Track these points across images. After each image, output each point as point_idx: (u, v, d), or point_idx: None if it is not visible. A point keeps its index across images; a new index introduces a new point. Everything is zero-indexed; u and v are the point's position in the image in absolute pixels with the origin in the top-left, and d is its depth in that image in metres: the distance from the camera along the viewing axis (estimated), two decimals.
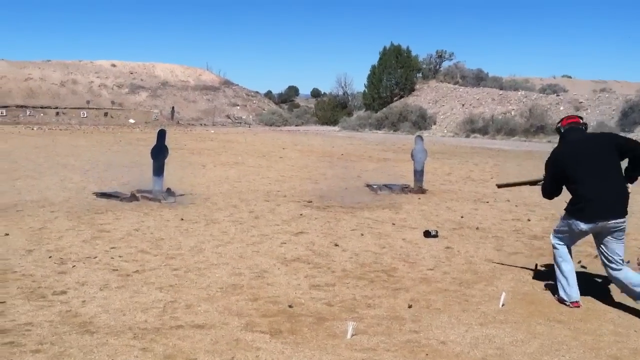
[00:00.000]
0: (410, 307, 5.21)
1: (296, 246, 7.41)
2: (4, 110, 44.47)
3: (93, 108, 47.80)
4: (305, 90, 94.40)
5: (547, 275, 6.20)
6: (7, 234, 7.57)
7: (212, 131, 39.30)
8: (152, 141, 11.27)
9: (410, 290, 5.72)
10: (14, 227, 8.03)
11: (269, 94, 75.03)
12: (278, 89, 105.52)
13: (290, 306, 5.16)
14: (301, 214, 9.55)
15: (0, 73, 50.38)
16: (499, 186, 7.50)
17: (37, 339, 4.30)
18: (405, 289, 5.76)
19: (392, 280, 6.07)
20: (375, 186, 12.44)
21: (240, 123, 51.14)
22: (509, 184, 7.52)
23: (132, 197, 10.45)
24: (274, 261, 6.66)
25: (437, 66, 51.70)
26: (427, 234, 8.10)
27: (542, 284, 5.99)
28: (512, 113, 37.16)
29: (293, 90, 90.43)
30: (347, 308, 5.17)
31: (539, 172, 6.19)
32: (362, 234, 8.18)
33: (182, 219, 8.90)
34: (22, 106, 45.92)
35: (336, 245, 7.53)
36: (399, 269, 6.48)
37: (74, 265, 6.23)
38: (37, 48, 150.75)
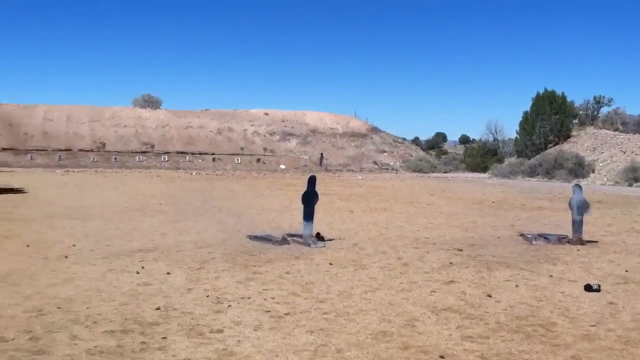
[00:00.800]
0: None
1: (447, 295, 7.21)
2: (166, 156, 47.70)
3: (246, 154, 50.08)
4: (453, 136, 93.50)
5: None
6: (168, 273, 7.99)
7: (360, 177, 39.75)
8: (302, 187, 11.54)
9: (570, 347, 5.35)
10: (175, 266, 8.46)
11: (416, 141, 75.09)
12: (425, 135, 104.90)
13: (441, 357, 4.99)
14: (451, 263, 9.32)
15: (163, 122, 54.22)
16: None
17: None
18: (566, 346, 5.40)
19: (550, 335, 5.72)
20: (529, 236, 11.93)
21: (388, 169, 51.40)
22: None
23: (283, 241, 10.70)
24: (424, 310, 6.51)
25: (595, 112, 49.39)
26: (588, 287, 7.61)
27: None
28: None
29: (441, 137, 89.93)
30: None
31: None
32: (517, 285, 7.82)
33: (331, 264, 8.97)
34: (182, 152, 49.03)
35: (489, 296, 7.24)
36: (558, 324, 6.10)
37: (230, 305, 6.43)
38: (197, 98, 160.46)
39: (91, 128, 52.08)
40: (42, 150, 46.94)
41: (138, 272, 7.96)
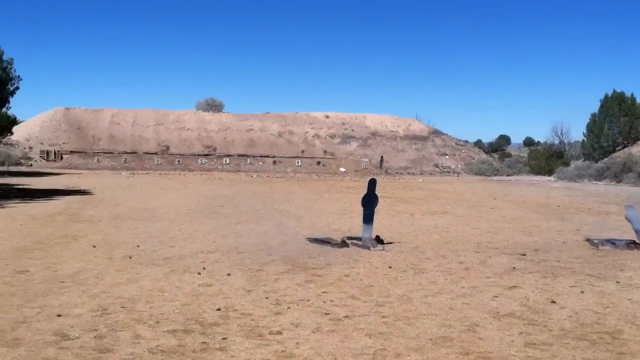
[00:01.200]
0: None
1: (509, 301, 7.06)
2: (227, 159, 48.39)
3: (307, 157, 50.30)
4: (517, 139, 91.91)
5: None
6: (229, 274, 8.08)
7: (420, 180, 39.43)
8: (362, 189, 11.50)
9: (637, 355, 5.18)
10: (235, 268, 8.55)
11: (478, 143, 74.12)
12: (488, 137, 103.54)
13: None
14: (514, 267, 9.12)
15: (225, 125, 55.03)
16: None
17: None
18: (632, 354, 5.22)
19: (616, 343, 5.53)
20: (596, 241, 11.58)
21: (449, 172, 50.82)
22: None
23: (343, 244, 10.68)
24: (486, 315, 6.39)
25: None
26: None
27: None
28: None
29: (504, 139, 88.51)
30: None
31: None
32: (582, 291, 7.60)
33: (391, 267, 8.90)
34: (243, 155, 49.65)
35: (553, 302, 7.06)
36: (624, 332, 5.90)
37: (289, 307, 6.46)
38: (259, 101, 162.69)
39: (156, 131, 53.28)
40: (108, 153, 48.26)
41: (199, 273, 8.08)
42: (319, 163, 49.21)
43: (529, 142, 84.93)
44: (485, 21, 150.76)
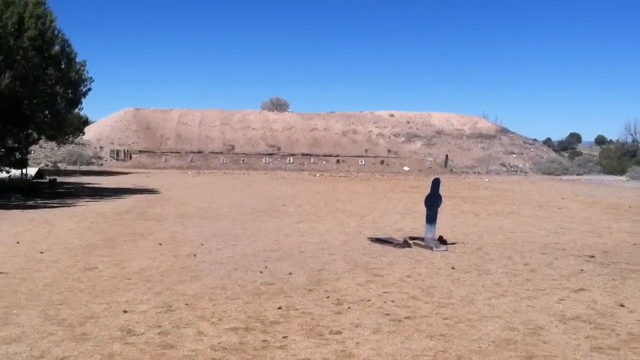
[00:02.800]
0: None
1: (576, 304, 6.87)
2: (291, 158, 48.79)
3: (370, 156, 50.18)
4: (588, 137, 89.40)
5: None
6: (290, 273, 8.13)
7: (486, 179, 38.79)
8: (425, 189, 11.40)
9: None
10: (297, 267, 8.60)
11: (548, 142, 72.43)
12: (558, 136, 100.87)
13: None
14: (582, 270, 8.87)
15: (290, 124, 55.44)
16: None
17: None
18: None
19: None
20: None
21: (516, 171, 49.83)
22: None
23: (405, 244, 10.61)
24: (551, 318, 6.23)
25: None
26: None
27: None
28: None
29: (575, 138, 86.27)
30: None
31: None
32: None
33: (454, 268, 8.79)
34: (307, 154, 49.91)
35: (622, 305, 6.83)
36: None
37: (349, 307, 6.45)
38: (323, 100, 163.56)
39: (221, 131, 54.11)
40: (175, 152, 49.30)
41: (261, 272, 8.16)
42: (382, 162, 49.06)
43: (600, 141, 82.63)
44: (553, 18, 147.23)
